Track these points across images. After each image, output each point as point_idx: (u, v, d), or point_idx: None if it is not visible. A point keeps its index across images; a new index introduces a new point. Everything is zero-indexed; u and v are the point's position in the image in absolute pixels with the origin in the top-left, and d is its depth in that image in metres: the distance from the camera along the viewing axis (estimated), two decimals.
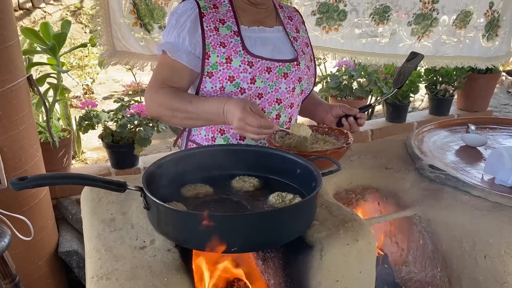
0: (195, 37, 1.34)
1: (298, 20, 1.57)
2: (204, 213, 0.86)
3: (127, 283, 0.88)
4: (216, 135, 1.45)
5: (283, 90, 1.42)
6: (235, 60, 1.34)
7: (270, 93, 1.40)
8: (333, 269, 0.99)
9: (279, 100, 1.42)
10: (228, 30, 1.37)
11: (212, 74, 1.35)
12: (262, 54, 1.38)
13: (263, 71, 1.36)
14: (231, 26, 1.37)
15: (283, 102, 1.43)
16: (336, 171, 1.12)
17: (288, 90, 1.43)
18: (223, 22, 1.37)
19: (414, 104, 4.33)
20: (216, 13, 1.38)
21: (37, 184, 0.94)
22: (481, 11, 2.79)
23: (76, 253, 2.09)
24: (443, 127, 1.80)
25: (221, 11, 1.39)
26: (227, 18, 1.38)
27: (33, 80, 1.92)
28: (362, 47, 2.62)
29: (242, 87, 1.35)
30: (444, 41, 2.77)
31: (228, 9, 1.40)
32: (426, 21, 2.65)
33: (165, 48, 1.36)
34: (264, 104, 1.41)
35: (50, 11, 6.31)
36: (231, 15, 1.39)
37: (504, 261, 1.12)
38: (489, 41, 2.89)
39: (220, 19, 1.37)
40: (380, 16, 2.56)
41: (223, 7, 1.40)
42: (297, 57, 1.45)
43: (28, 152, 1.83)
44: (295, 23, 1.55)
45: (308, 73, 1.49)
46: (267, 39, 1.43)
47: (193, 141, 1.52)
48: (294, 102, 1.47)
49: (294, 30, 1.52)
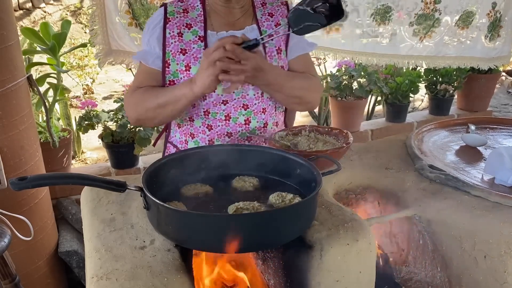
0: (160, 44, 1.35)
1: (281, 13, 1.45)
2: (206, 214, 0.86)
3: (127, 283, 0.88)
4: (188, 138, 1.44)
5: (251, 97, 1.38)
6: (194, 67, 1.32)
7: (236, 99, 1.37)
8: (333, 269, 0.99)
9: (245, 105, 1.38)
10: (193, 35, 1.34)
11: (174, 82, 1.35)
12: None
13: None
14: (197, 31, 1.35)
15: (251, 108, 1.39)
16: (336, 171, 1.12)
17: (257, 96, 1.39)
18: (190, 27, 1.35)
19: (414, 104, 4.33)
20: (184, 17, 1.36)
21: (37, 184, 0.94)
22: (484, 12, 2.78)
23: (76, 253, 2.09)
24: (443, 127, 1.80)
25: (190, 15, 1.37)
26: (195, 23, 1.36)
27: (33, 80, 1.92)
28: (363, 47, 2.62)
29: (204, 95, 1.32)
30: (446, 42, 2.77)
31: (200, 13, 1.37)
32: (428, 22, 2.65)
33: (138, 58, 1.39)
34: (230, 109, 1.38)
35: (50, 11, 6.31)
36: (201, 20, 1.36)
37: (504, 261, 1.11)
38: (491, 42, 2.89)
39: (187, 23, 1.35)
40: (382, 17, 2.56)
41: (195, 12, 1.37)
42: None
43: (28, 152, 1.83)
44: (276, 18, 1.44)
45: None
46: None
47: (171, 142, 1.52)
48: (266, 107, 1.42)
49: (272, 26, 1.42)
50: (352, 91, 2.81)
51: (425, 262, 1.31)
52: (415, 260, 1.35)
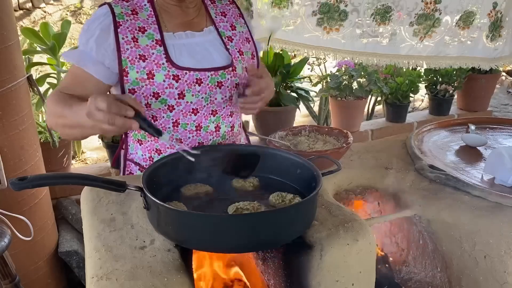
0: (106, 48, 1.19)
1: (233, 14, 1.39)
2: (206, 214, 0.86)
3: (127, 283, 0.88)
4: (153, 154, 1.33)
5: (219, 101, 1.29)
6: (158, 74, 1.19)
7: (205, 106, 1.28)
8: (333, 269, 0.99)
9: (214, 111, 1.30)
10: (149, 40, 1.21)
11: (135, 90, 1.21)
12: (189, 64, 1.23)
13: (192, 84, 1.22)
14: (153, 34, 1.22)
15: (220, 113, 1.32)
16: (336, 171, 1.12)
17: (225, 99, 1.31)
18: (143, 31, 1.21)
19: (414, 104, 4.33)
20: (135, 20, 1.22)
21: (37, 184, 0.94)
22: (485, 12, 2.77)
23: (76, 253, 2.09)
24: (443, 127, 1.80)
25: (141, 17, 1.23)
26: (148, 25, 1.22)
27: (33, 80, 1.92)
28: (363, 47, 2.61)
29: (170, 104, 1.23)
30: (446, 42, 2.77)
31: (150, 14, 1.24)
32: (428, 22, 2.64)
33: (70, 57, 1.23)
34: (201, 119, 1.29)
35: (50, 11, 6.30)
36: (153, 21, 1.23)
37: (504, 261, 1.11)
38: (492, 42, 2.88)
39: (140, 27, 1.21)
40: (382, 17, 2.55)
41: (144, 12, 1.24)
42: (232, 61, 1.30)
43: (28, 152, 1.83)
44: (229, 18, 1.37)
45: (246, 75, 1.33)
46: (195, 46, 1.27)
47: (131, 160, 1.39)
48: (234, 110, 1.36)
49: (228, 28, 1.35)
50: (352, 91, 2.81)
51: (425, 262, 1.31)
52: (415, 260, 1.35)
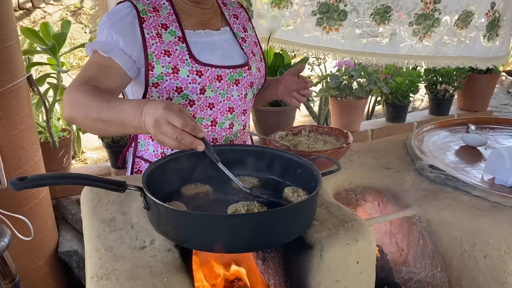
0: (134, 43, 1.21)
1: (244, 17, 1.46)
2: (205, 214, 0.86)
3: (127, 283, 0.88)
4: (165, 149, 1.33)
5: (236, 98, 1.34)
6: (182, 70, 1.23)
7: (222, 102, 1.31)
8: (333, 269, 0.99)
9: (231, 108, 1.34)
10: (172, 36, 1.24)
11: (158, 84, 1.24)
12: (211, 61, 1.27)
13: (213, 80, 1.27)
14: (175, 31, 1.25)
15: (236, 110, 1.36)
16: (336, 171, 1.13)
17: (241, 97, 1.35)
18: (166, 27, 1.25)
19: (414, 104, 4.33)
20: (157, 17, 1.25)
21: (37, 184, 0.94)
22: (483, 11, 2.78)
23: (76, 253, 2.09)
24: (443, 127, 1.80)
25: (162, 14, 1.27)
26: (170, 22, 1.26)
27: (33, 80, 1.92)
28: (362, 47, 2.62)
29: (191, 99, 1.26)
30: (445, 42, 2.77)
31: (170, 12, 1.28)
32: (427, 21, 2.64)
33: (96, 46, 1.20)
34: (216, 114, 1.32)
35: (50, 11, 6.31)
36: (174, 19, 1.27)
37: (504, 261, 1.11)
38: (489, 41, 2.89)
39: (162, 23, 1.25)
40: (381, 16, 2.55)
41: (164, 10, 1.27)
42: (248, 60, 1.36)
43: (28, 152, 1.83)
44: (241, 21, 1.44)
45: (259, 75, 1.40)
46: (215, 44, 1.32)
47: (140, 157, 1.40)
48: (247, 108, 1.40)
49: (241, 29, 1.42)
50: (352, 91, 2.81)
51: (425, 262, 1.31)
52: (415, 260, 1.35)
